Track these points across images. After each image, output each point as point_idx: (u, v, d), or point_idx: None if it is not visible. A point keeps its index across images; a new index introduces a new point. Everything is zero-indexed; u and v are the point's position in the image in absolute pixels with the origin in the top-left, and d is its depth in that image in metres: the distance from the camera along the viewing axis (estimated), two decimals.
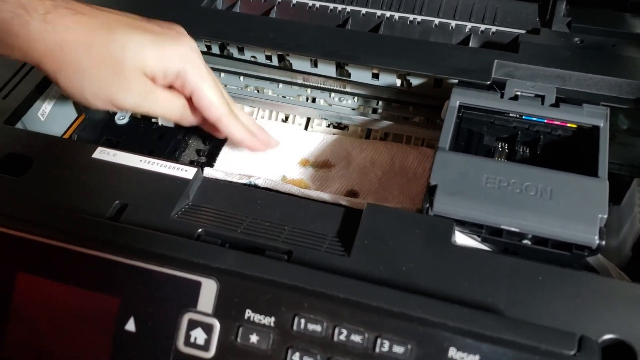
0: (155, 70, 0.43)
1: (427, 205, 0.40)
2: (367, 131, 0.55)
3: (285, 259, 0.37)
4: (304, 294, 0.33)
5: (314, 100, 0.56)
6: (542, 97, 0.45)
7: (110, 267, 0.35)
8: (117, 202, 0.41)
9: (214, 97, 0.45)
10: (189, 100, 0.46)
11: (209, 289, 0.34)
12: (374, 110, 0.54)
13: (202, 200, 0.42)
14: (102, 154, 0.44)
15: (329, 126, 0.56)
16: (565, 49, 0.50)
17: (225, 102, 0.46)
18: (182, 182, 0.42)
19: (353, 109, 0.55)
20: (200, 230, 0.39)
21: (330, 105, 0.55)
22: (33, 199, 0.41)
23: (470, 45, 0.55)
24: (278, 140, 0.53)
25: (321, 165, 0.53)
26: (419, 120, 0.53)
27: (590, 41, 0.52)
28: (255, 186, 0.47)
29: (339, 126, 0.56)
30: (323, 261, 0.37)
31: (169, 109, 0.45)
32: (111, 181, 0.42)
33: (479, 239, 0.40)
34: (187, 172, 0.42)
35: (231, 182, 0.48)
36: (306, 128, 0.56)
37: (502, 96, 0.45)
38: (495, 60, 0.48)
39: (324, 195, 0.46)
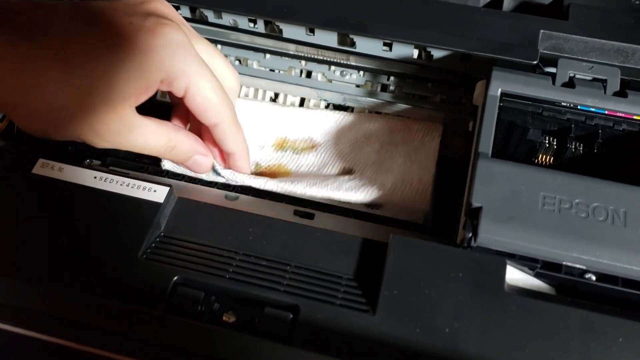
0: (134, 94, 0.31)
1: (469, 234, 0.31)
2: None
3: (290, 319, 0.29)
4: None
5: (309, 74, 0.45)
6: (604, 82, 0.36)
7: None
8: (64, 238, 0.31)
9: (212, 96, 0.34)
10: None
11: None
12: (384, 88, 0.44)
13: (178, 229, 0.32)
14: (45, 168, 0.33)
15: (327, 107, 0.46)
16: (624, 12, 0.40)
17: (228, 105, 0.35)
18: (151, 207, 0.32)
19: (358, 86, 0.45)
20: (176, 278, 0.30)
21: (330, 80, 0.45)
22: None
23: (504, 3, 0.44)
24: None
25: (303, 147, 0.43)
26: (440, 100, 0.43)
27: None
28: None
29: (340, 108, 0.45)
30: (341, 322, 0.28)
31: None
32: (57, 208, 0.32)
33: (532, 273, 0.32)
34: (157, 193, 0.33)
35: (210, 192, 0.38)
36: None
37: (553, 82, 0.36)
38: (541, 31, 0.38)
39: (311, 190, 0.37)
